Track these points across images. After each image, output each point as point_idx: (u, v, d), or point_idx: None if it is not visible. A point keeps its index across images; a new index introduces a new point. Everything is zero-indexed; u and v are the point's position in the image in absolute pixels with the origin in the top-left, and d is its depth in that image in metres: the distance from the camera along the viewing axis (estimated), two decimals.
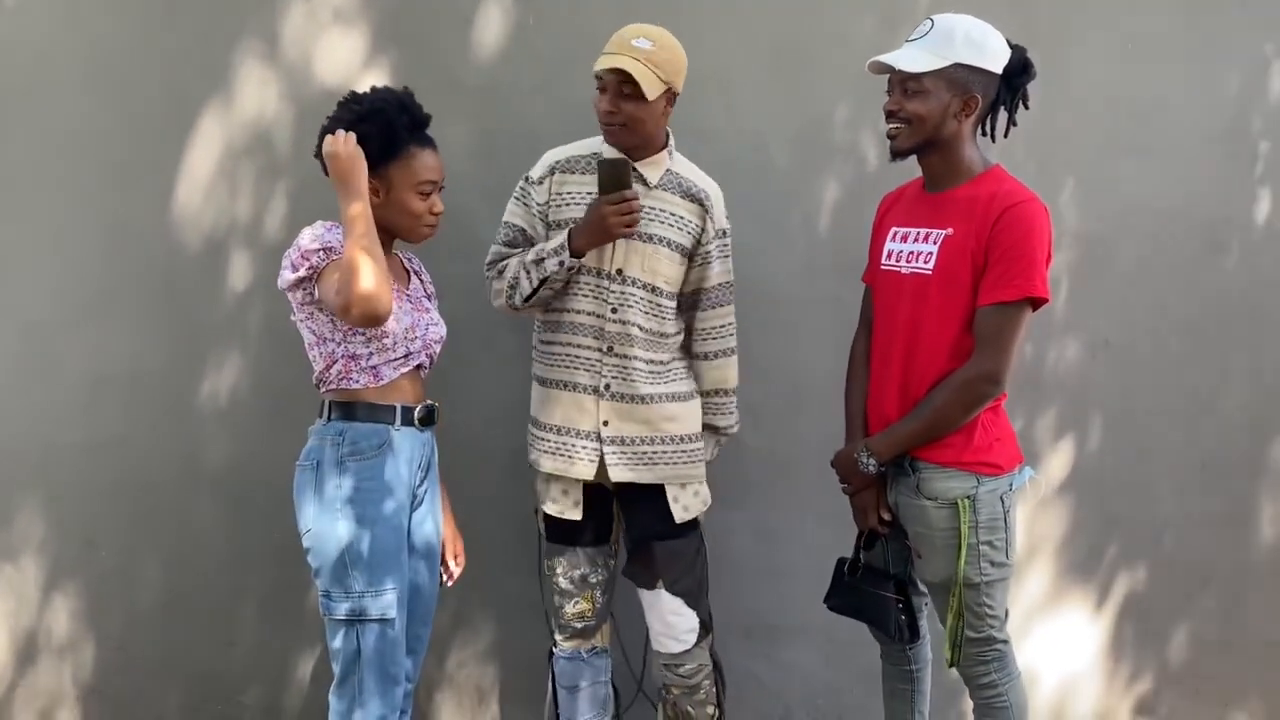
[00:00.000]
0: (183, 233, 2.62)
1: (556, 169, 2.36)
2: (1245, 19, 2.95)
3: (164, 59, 2.58)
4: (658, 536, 2.37)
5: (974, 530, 2.17)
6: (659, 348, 2.35)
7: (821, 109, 2.82)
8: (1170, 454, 3.04)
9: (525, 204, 2.39)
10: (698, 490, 2.41)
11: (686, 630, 2.40)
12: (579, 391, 2.34)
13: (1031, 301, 2.13)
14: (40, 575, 2.67)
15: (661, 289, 2.33)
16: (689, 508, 2.39)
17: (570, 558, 2.41)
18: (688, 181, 2.36)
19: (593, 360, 2.33)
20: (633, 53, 2.19)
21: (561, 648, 2.47)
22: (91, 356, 2.62)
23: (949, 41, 2.13)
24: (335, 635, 2.13)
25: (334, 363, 2.14)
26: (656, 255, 2.30)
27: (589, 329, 2.32)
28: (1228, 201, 3.01)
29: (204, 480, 2.70)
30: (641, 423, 2.34)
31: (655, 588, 2.38)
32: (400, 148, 2.11)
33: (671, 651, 2.41)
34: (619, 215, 2.19)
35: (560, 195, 2.34)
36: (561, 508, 2.38)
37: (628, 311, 2.30)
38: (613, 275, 2.30)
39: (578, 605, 2.43)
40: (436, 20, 2.66)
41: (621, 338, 2.31)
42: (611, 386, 2.33)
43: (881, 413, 2.28)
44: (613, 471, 2.34)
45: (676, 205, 2.33)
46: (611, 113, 2.23)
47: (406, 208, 2.14)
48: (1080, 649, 3.09)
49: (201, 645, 2.75)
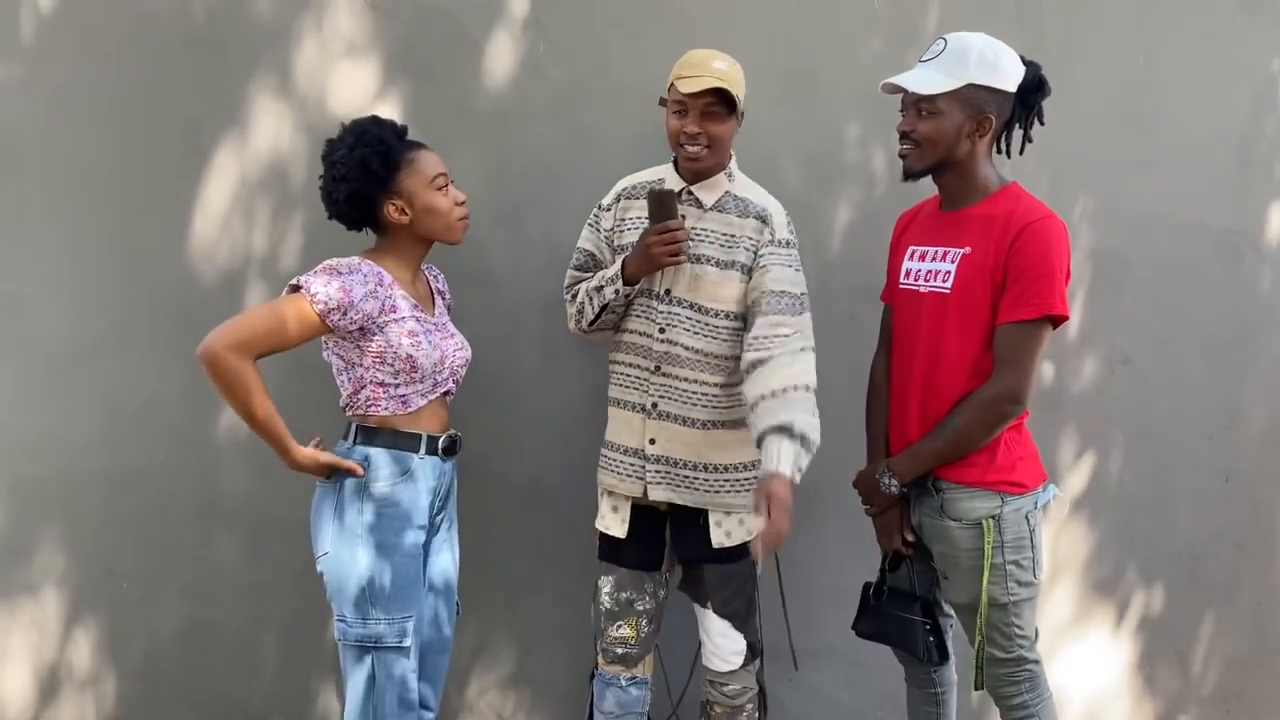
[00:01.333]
0: (199, 264, 2.64)
1: (623, 195, 2.41)
2: (1255, 33, 2.95)
3: (179, 93, 2.60)
4: (708, 559, 2.36)
5: (999, 550, 2.16)
6: (712, 369, 2.31)
7: (832, 129, 2.82)
8: (1192, 469, 3.02)
9: (595, 229, 2.44)
10: (743, 519, 2.37)
11: (733, 652, 2.39)
12: (629, 410, 2.36)
13: (1051, 319, 2.12)
14: (61, 607, 2.67)
15: (708, 308, 2.30)
16: (731, 534, 2.36)
17: (616, 577, 2.40)
18: (745, 201, 2.35)
19: (642, 379, 2.34)
20: (717, 74, 2.21)
21: (603, 671, 2.45)
22: (110, 388, 2.63)
23: (963, 62, 2.13)
24: (350, 661, 2.14)
25: (362, 388, 2.16)
26: (703, 275, 2.29)
27: (638, 348, 2.34)
28: (1242, 214, 3.00)
29: (223, 510, 2.70)
30: (686, 445, 2.33)
31: (705, 606, 2.40)
32: (399, 155, 2.14)
33: (718, 669, 2.41)
34: (663, 245, 2.21)
35: (624, 220, 2.38)
36: (609, 524, 2.39)
37: (674, 331, 2.31)
38: (660, 295, 2.32)
39: (620, 630, 2.41)
40: (448, 49, 2.68)
41: (668, 358, 2.32)
42: (659, 405, 2.33)
43: (903, 433, 2.27)
44: (653, 490, 2.34)
45: (732, 224, 2.31)
46: (699, 134, 2.24)
47: (433, 208, 2.17)
48: (1108, 668, 3.05)
49: (223, 675, 2.74)
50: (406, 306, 2.15)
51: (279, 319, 2.04)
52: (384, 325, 2.11)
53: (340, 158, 2.14)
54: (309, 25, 2.63)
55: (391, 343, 2.11)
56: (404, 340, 2.12)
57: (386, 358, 2.12)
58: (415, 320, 2.16)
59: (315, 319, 2.06)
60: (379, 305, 2.10)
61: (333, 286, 2.05)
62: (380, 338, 2.11)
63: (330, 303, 2.05)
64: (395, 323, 2.12)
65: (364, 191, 2.14)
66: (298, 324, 2.05)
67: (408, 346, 2.12)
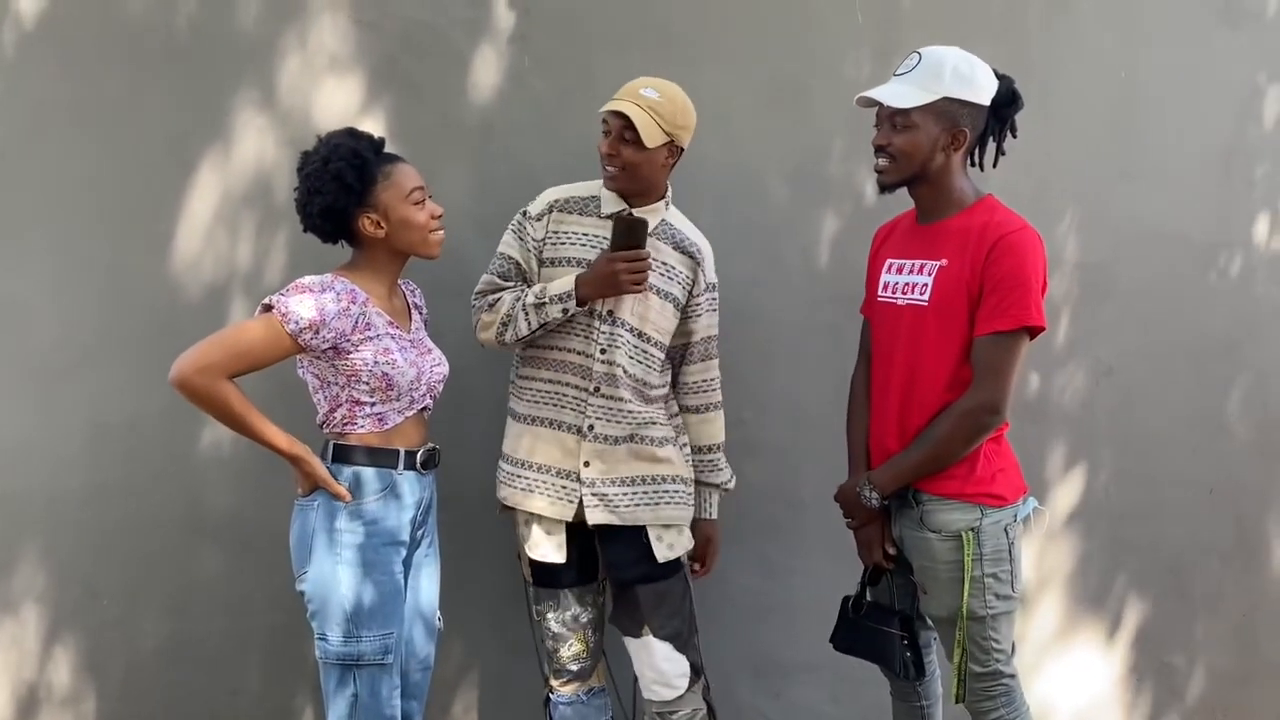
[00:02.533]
0: (182, 279, 2.63)
1: (555, 207, 2.37)
2: (1236, 47, 2.97)
3: (162, 107, 2.59)
4: (641, 579, 2.34)
5: (978, 563, 2.15)
6: (642, 394, 2.35)
7: (818, 142, 2.83)
8: (1177, 481, 3.02)
9: (521, 238, 2.39)
10: (681, 529, 2.38)
11: (678, 675, 2.36)
12: (563, 430, 2.33)
13: (1029, 330, 2.13)
14: (41, 625, 2.64)
15: (650, 336, 2.33)
16: (674, 545, 2.36)
17: (560, 600, 2.39)
18: (680, 235, 2.38)
19: (579, 399, 2.32)
20: (638, 100, 2.23)
21: (560, 693, 2.43)
22: (91, 404, 2.61)
23: (937, 76, 2.14)
24: (331, 679, 2.12)
25: (338, 406, 2.14)
26: (648, 302, 2.31)
27: (576, 368, 2.32)
28: (1225, 227, 3.01)
29: (205, 527, 2.68)
30: (621, 463, 2.33)
31: (642, 635, 2.35)
32: (375, 170, 2.12)
33: (664, 699, 2.37)
34: (631, 273, 2.21)
35: (557, 234, 2.35)
36: (545, 551, 2.34)
37: (615, 353, 2.30)
38: (603, 316, 2.31)
39: (572, 647, 2.40)
40: (433, 63, 2.68)
41: (608, 379, 2.31)
42: (595, 427, 2.31)
43: (883, 445, 2.27)
44: (590, 514, 2.32)
45: (669, 256, 2.35)
46: (611, 155, 2.26)
47: (409, 221, 2.14)
48: (1094, 682, 3.05)
49: (205, 693, 2.71)
50: (382, 324, 2.13)
51: (250, 339, 2.04)
52: (358, 343, 2.08)
53: (314, 170, 2.12)
54: (293, 38, 2.63)
55: (367, 361, 2.09)
56: (379, 358, 2.10)
57: (362, 376, 2.10)
58: (391, 338, 2.13)
59: (287, 338, 2.04)
60: (352, 323, 2.07)
61: (305, 305, 2.03)
62: (355, 356, 2.08)
63: (302, 322, 2.03)
64: (370, 340, 2.09)
65: (338, 205, 2.11)
66: (269, 344, 2.04)
67: (383, 365, 2.10)
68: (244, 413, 2.05)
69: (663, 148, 2.26)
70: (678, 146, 2.31)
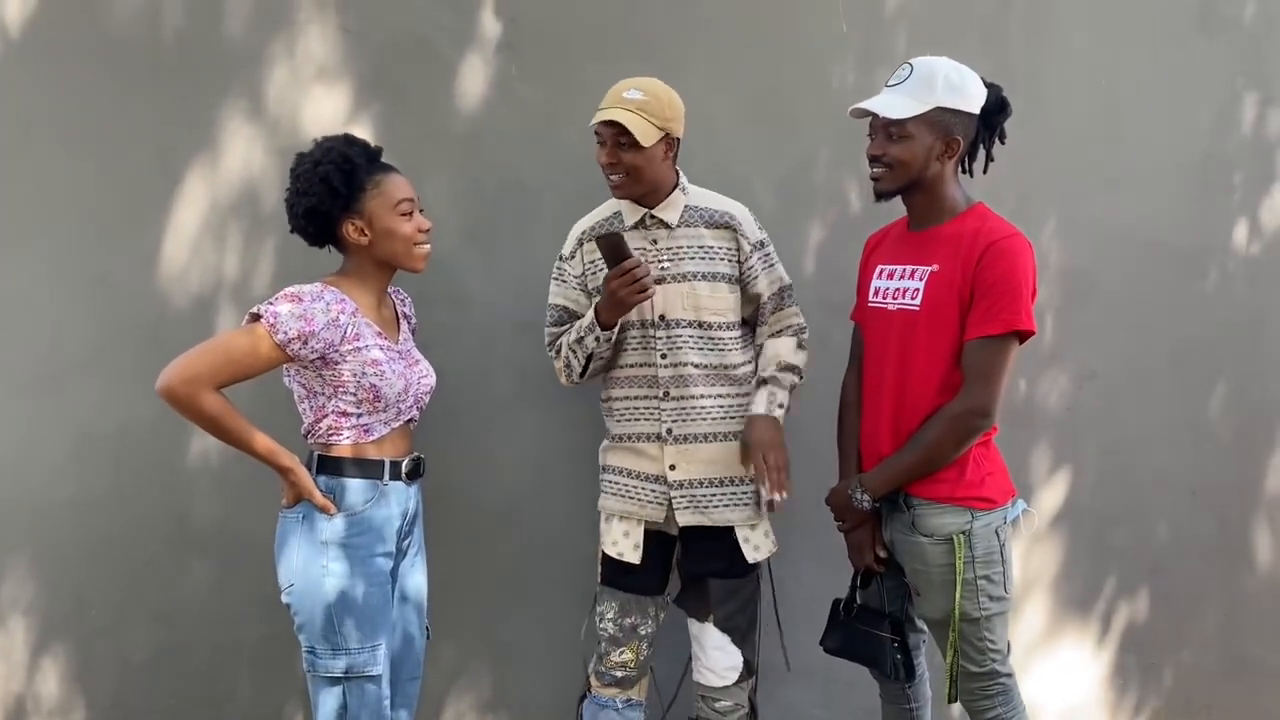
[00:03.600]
0: (170, 289, 2.62)
1: (583, 239, 2.42)
2: (1215, 52, 3.01)
3: (149, 116, 2.59)
4: (716, 574, 2.37)
5: (970, 565, 2.17)
6: (724, 381, 2.37)
7: (805, 152, 2.85)
8: (1160, 483, 3.05)
9: (563, 281, 2.44)
10: (768, 531, 2.42)
11: (727, 668, 2.39)
12: (642, 441, 2.37)
13: (1018, 335, 2.15)
14: (30, 636, 2.63)
15: (712, 323, 2.35)
16: (760, 547, 2.39)
17: (620, 602, 2.40)
18: (708, 211, 2.39)
19: (651, 408, 2.36)
20: (625, 104, 2.24)
21: (597, 694, 2.44)
22: (79, 414, 2.61)
23: (929, 86, 2.16)
24: (320, 692, 2.11)
25: (324, 417, 2.13)
26: (695, 292, 2.33)
27: (641, 380, 2.36)
28: (1207, 230, 3.05)
29: (194, 537, 2.67)
30: (707, 463, 2.35)
31: (705, 620, 2.39)
32: (365, 177, 2.12)
33: (711, 685, 2.41)
34: (625, 287, 2.22)
35: (593, 263, 2.39)
36: (621, 549, 2.37)
37: (679, 353, 2.33)
38: (655, 323, 2.34)
39: (623, 655, 2.41)
40: (420, 71, 2.68)
41: (676, 380, 2.34)
42: (674, 430, 2.34)
43: (875, 449, 2.29)
44: (680, 516, 2.34)
45: (704, 237, 2.37)
46: (612, 164, 2.28)
47: (395, 232, 2.13)
48: (1080, 682, 3.07)
49: (195, 703, 2.71)
50: (370, 334, 2.12)
51: (238, 349, 2.02)
52: (347, 354, 2.07)
53: (304, 172, 2.12)
54: (280, 48, 2.63)
55: (355, 372, 2.08)
56: (367, 370, 2.09)
57: (349, 387, 2.09)
58: (380, 349, 2.12)
59: (275, 349, 2.03)
60: (341, 334, 2.06)
61: (293, 315, 2.02)
62: (343, 367, 2.08)
63: (290, 331, 2.02)
64: (358, 351, 2.08)
65: (322, 208, 2.11)
66: (257, 354, 2.03)
67: (371, 377, 2.09)
68: (230, 423, 2.03)
69: (659, 143, 2.28)
70: (673, 137, 2.33)
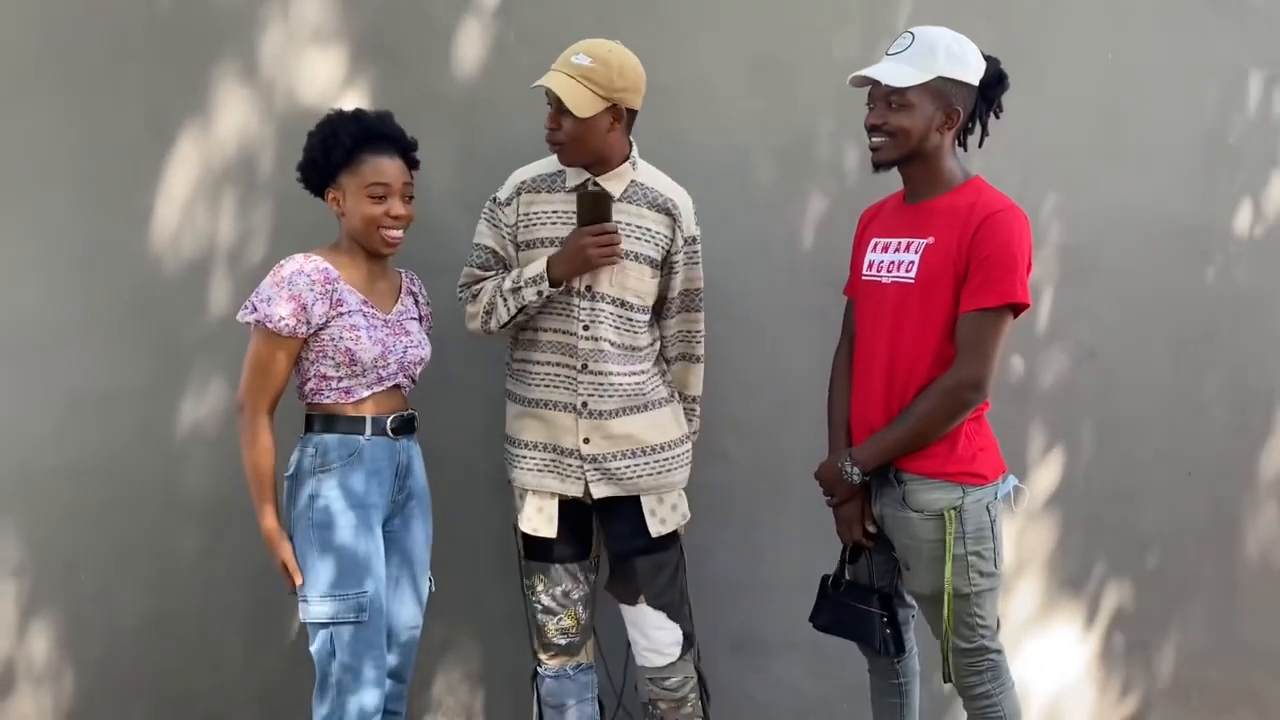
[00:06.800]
0: (162, 253, 2.60)
1: (523, 189, 2.35)
2: (1222, 30, 2.98)
3: (141, 79, 2.56)
4: (639, 551, 2.36)
5: (961, 541, 2.17)
6: (632, 359, 2.35)
7: (804, 122, 2.82)
8: (1156, 463, 3.05)
9: (494, 225, 2.37)
10: (675, 504, 2.40)
11: (670, 643, 2.39)
12: (559, 410, 2.33)
13: (1013, 308, 2.13)
14: (19, 600, 2.63)
15: (632, 303, 2.32)
16: (666, 520, 2.38)
17: (551, 574, 2.39)
18: (654, 193, 2.35)
19: (569, 378, 2.32)
20: (569, 69, 2.18)
21: (547, 666, 2.45)
22: (70, 378, 2.59)
23: (932, 55, 2.14)
24: (313, 639, 2.19)
25: (308, 380, 2.22)
26: (624, 270, 2.30)
27: (562, 347, 2.32)
28: (1209, 209, 3.02)
29: (185, 502, 2.67)
30: (620, 437, 2.33)
31: (637, 603, 2.37)
32: (345, 155, 2.17)
33: (656, 665, 2.40)
34: (599, 247, 2.20)
35: (529, 215, 2.33)
36: (536, 525, 2.36)
37: (599, 328, 2.30)
38: (581, 293, 2.30)
39: (561, 622, 2.41)
40: (416, 36, 2.65)
41: (594, 354, 2.30)
42: (589, 404, 2.32)
43: (868, 423, 2.28)
44: (595, 489, 2.33)
45: (644, 218, 2.33)
46: (552, 129, 2.23)
47: (358, 212, 2.19)
48: (1071, 661, 3.08)
49: (185, 668, 2.71)
50: (354, 301, 2.19)
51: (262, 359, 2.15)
52: (332, 319, 2.16)
53: (311, 133, 2.22)
54: (275, 10, 2.59)
55: (333, 336, 2.16)
56: (344, 334, 2.16)
57: (328, 350, 2.18)
58: (361, 315, 2.19)
59: (286, 339, 2.14)
60: (328, 301, 2.15)
61: (283, 303, 2.12)
62: (324, 332, 2.16)
63: (288, 319, 2.12)
64: (339, 317, 2.17)
65: (307, 171, 2.23)
66: (276, 352, 2.15)
67: (347, 340, 2.16)
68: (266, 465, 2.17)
69: (604, 114, 2.20)
70: (623, 109, 2.24)
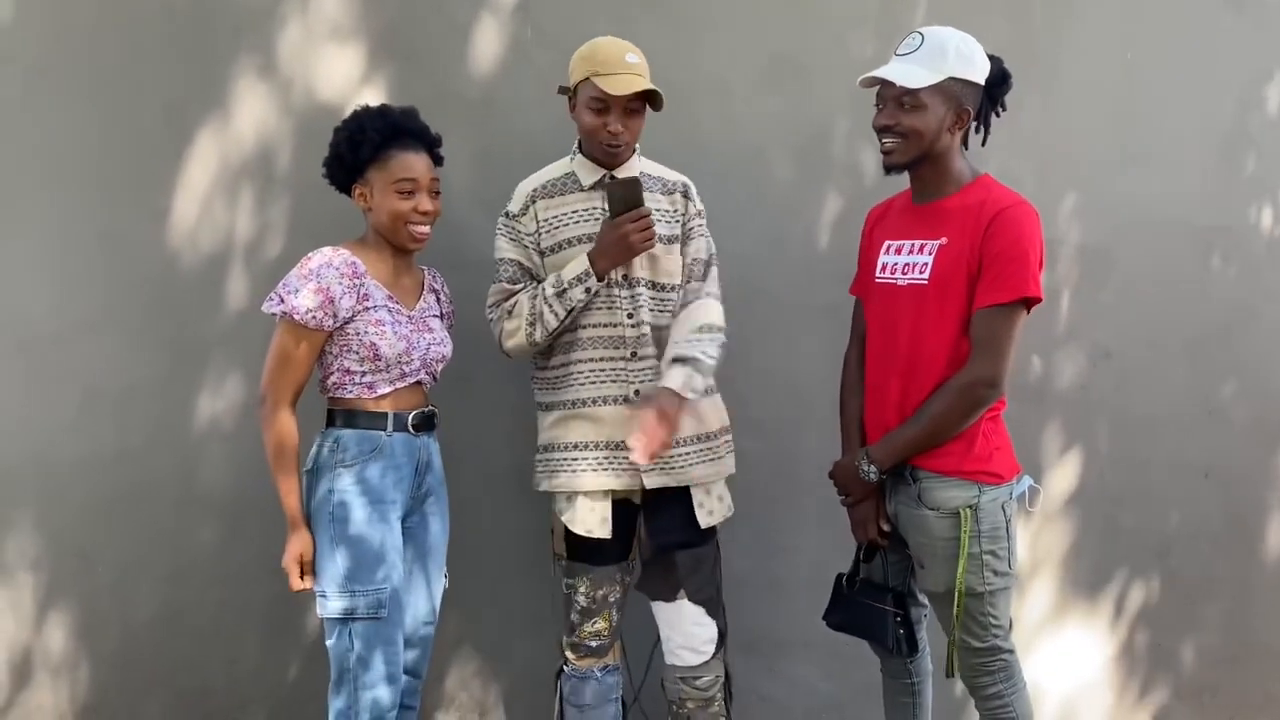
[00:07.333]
0: (180, 247, 2.62)
1: (536, 196, 2.37)
2: (1242, 29, 2.96)
3: (160, 73, 2.58)
4: (682, 544, 2.35)
5: (976, 540, 2.16)
6: (663, 342, 2.35)
7: (821, 121, 2.82)
8: (1173, 464, 3.03)
9: (514, 238, 2.37)
10: (721, 495, 2.40)
11: (706, 640, 2.38)
12: (609, 405, 2.31)
13: (1025, 302, 2.13)
14: (36, 592, 2.64)
15: (665, 284, 2.35)
16: (714, 512, 2.38)
17: (594, 576, 2.37)
18: (663, 180, 2.41)
19: (619, 369, 2.31)
20: (638, 70, 2.23)
21: (574, 666, 2.44)
22: (88, 371, 2.61)
23: (942, 56, 2.14)
24: (331, 634, 2.20)
25: (332, 373, 2.23)
26: (653, 252, 2.32)
27: (608, 340, 2.31)
28: (1226, 210, 3.01)
29: (201, 495, 2.68)
30: None
31: (676, 599, 2.36)
32: (374, 150, 2.19)
33: (690, 664, 2.39)
34: (640, 231, 2.22)
35: (549, 220, 2.34)
36: (590, 526, 2.32)
37: (641, 313, 2.31)
38: (619, 282, 2.31)
39: (596, 625, 2.40)
40: (434, 34, 2.66)
41: (640, 341, 2.32)
42: (641, 391, 2.31)
43: (882, 424, 2.27)
44: (648, 479, 2.31)
45: (660, 200, 2.37)
46: (622, 133, 2.25)
47: (386, 207, 2.21)
48: (1087, 662, 3.07)
49: (201, 662, 2.72)
50: (380, 296, 2.21)
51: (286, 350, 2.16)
52: (358, 313, 2.17)
53: (339, 127, 2.24)
54: (293, 7, 2.61)
55: (358, 330, 2.18)
56: (369, 329, 2.18)
57: (352, 345, 2.19)
58: (387, 310, 2.21)
59: (311, 332, 2.15)
60: (355, 295, 2.16)
61: (310, 295, 2.12)
62: (349, 326, 2.18)
63: (315, 311, 2.13)
64: (365, 311, 2.18)
65: (334, 166, 2.24)
66: (300, 345, 2.16)
67: (372, 335, 2.18)
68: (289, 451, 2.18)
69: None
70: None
